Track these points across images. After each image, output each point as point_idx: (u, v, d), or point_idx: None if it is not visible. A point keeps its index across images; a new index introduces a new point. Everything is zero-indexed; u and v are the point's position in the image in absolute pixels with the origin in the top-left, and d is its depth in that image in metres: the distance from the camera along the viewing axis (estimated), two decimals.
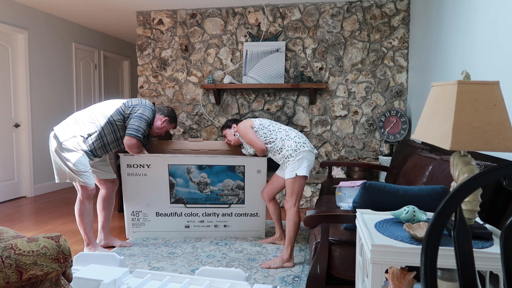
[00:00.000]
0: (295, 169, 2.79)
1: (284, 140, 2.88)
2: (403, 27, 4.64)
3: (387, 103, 4.74)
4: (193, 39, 5.11)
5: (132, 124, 2.88)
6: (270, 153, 3.01)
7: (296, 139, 2.86)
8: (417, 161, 2.57)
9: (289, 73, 4.89)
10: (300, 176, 2.79)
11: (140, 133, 2.88)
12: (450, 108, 1.30)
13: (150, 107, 2.99)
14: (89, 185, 2.88)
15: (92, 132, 2.88)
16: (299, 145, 2.83)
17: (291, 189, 2.81)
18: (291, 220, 2.78)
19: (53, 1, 4.84)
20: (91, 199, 2.94)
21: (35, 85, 5.13)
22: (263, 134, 2.95)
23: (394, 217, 1.57)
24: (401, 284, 1.32)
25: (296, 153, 2.81)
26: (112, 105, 2.96)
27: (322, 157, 4.92)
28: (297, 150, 2.81)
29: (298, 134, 2.93)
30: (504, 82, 1.85)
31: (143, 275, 2.12)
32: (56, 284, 1.41)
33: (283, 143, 2.88)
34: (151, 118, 2.97)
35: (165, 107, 3.14)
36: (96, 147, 2.91)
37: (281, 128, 2.96)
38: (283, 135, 2.91)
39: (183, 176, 3.28)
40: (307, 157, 2.81)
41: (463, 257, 0.81)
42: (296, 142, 2.84)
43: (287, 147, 2.85)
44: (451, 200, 0.79)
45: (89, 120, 2.90)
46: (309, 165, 2.83)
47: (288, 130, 2.95)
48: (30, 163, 5.04)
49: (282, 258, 2.77)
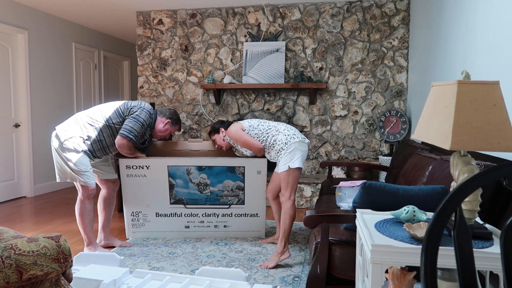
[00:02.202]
0: (287, 162, 2.80)
1: (275, 135, 2.90)
2: (403, 27, 4.64)
3: (387, 103, 4.74)
4: (193, 39, 5.11)
5: (125, 124, 2.87)
6: (265, 153, 3.01)
7: (285, 132, 2.87)
8: (417, 161, 2.57)
9: (289, 73, 4.89)
10: (294, 169, 2.79)
11: (132, 134, 2.86)
12: (450, 108, 1.30)
13: (148, 110, 2.97)
14: (89, 185, 2.88)
15: (91, 134, 2.88)
16: (289, 137, 2.84)
17: (285, 182, 2.82)
18: (286, 213, 2.80)
19: (53, 1, 4.84)
20: (91, 199, 2.94)
21: (35, 85, 5.13)
22: (255, 135, 2.96)
23: (394, 217, 1.57)
24: (401, 284, 1.32)
25: (287, 145, 2.82)
26: (112, 107, 2.96)
27: (322, 157, 4.92)
28: (287, 142, 2.83)
29: (287, 127, 2.93)
30: (504, 82, 1.85)
31: (143, 275, 2.12)
32: (56, 284, 1.41)
33: (274, 138, 2.90)
34: (147, 121, 2.94)
35: (167, 110, 3.13)
36: (95, 149, 2.91)
37: (270, 125, 2.97)
38: (273, 132, 2.92)
39: (182, 177, 3.27)
40: (298, 148, 2.82)
41: (463, 257, 0.81)
42: (285, 135, 2.86)
43: (278, 142, 2.87)
44: (451, 200, 0.79)
45: (89, 122, 2.90)
46: (302, 156, 2.83)
47: (277, 125, 2.95)
48: (30, 163, 5.04)
49: (277, 251, 2.78)
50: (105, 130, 2.91)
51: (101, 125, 2.90)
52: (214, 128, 3.22)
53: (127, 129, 2.86)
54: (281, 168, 2.83)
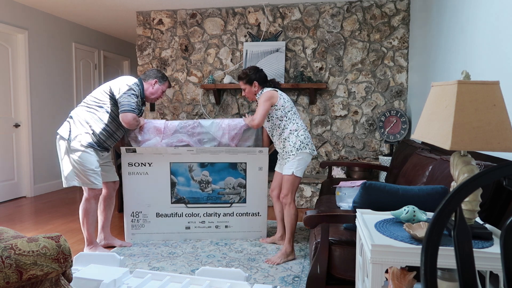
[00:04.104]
0: (293, 168, 2.86)
1: (293, 133, 2.90)
2: (403, 27, 4.64)
3: (387, 103, 4.74)
4: (193, 39, 5.11)
5: (122, 102, 2.87)
6: (275, 137, 3.02)
7: (301, 138, 2.88)
8: (417, 161, 2.57)
9: (289, 73, 4.89)
10: (296, 176, 2.88)
11: (132, 107, 2.87)
12: (450, 108, 1.30)
13: (135, 82, 2.97)
14: (97, 187, 2.89)
15: (95, 126, 2.89)
16: (302, 145, 2.86)
17: (291, 185, 2.87)
18: (292, 214, 2.86)
19: (53, 1, 4.84)
20: (97, 199, 2.96)
21: (35, 85, 5.13)
22: (279, 115, 2.92)
23: (394, 217, 1.57)
24: (401, 284, 1.32)
25: (298, 152, 2.85)
26: (102, 94, 2.94)
27: (322, 157, 4.92)
28: (299, 149, 2.85)
29: (305, 133, 2.93)
30: (504, 82, 1.85)
31: (143, 275, 2.12)
32: (56, 284, 1.41)
33: (290, 136, 2.91)
34: (138, 91, 2.95)
35: (149, 71, 3.11)
36: (104, 139, 2.93)
37: (296, 120, 2.95)
38: (293, 128, 2.91)
39: (184, 174, 3.28)
40: (305, 159, 2.88)
41: (463, 257, 0.81)
42: (300, 142, 2.87)
43: (291, 142, 2.89)
44: (451, 200, 0.79)
45: (87, 115, 2.89)
46: (304, 167, 2.91)
47: (300, 125, 2.94)
48: (30, 163, 5.04)
49: (286, 252, 2.84)
50: (104, 117, 2.92)
51: (100, 114, 2.90)
52: (249, 78, 3.02)
53: (125, 104, 2.86)
54: (287, 171, 2.88)
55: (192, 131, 3.23)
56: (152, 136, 3.19)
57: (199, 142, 3.23)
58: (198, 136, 3.23)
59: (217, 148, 3.24)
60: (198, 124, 3.24)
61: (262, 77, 3.03)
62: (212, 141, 3.24)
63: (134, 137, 3.17)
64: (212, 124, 3.25)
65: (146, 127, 3.20)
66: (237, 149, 3.25)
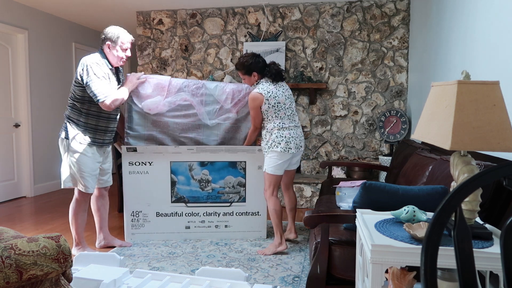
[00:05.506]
0: (265, 165, 2.99)
1: (268, 132, 2.98)
2: (403, 27, 4.64)
3: (387, 103, 4.74)
4: (193, 39, 5.11)
5: (90, 93, 2.73)
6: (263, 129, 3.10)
7: (273, 137, 2.93)
8: (417, 161, 2.57)
9: (289, 73, 4.89)
10: (268, 173, 2.96)
11: (102, 93, 2.71)
12: (450, 108, 1.30)
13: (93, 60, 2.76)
14: (88, 192, 2.89)
15: (89, 122, 2.84)
16: (274, 144, 2.93)
17: (266, 180, 3.00)
18: (271, 209, 2.98)
19: (53, 1, 4.84)
20: (87, 199, 2.95)
21: (35, 85, 5.13)
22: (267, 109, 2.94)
23: (394, 217, 1.57)
24: (401, 284, 1.32)
25: (269, 150, 2.96)
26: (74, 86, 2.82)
27: (322, 157, 4.92)
28: (270, 147, 2.94)
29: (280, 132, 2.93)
30: (504, 82, 1.85)
31: (143, 275, 2.12)
32: (56, 284, 1.41)
33: (266, 134, 3.00)
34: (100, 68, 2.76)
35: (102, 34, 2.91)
36: (99, 132, 2.88)
37: (274, 119, 2.95)
38: (269, 127, 2.97)
39: (184, 173, 3.28)
40: (277, 157, 2.93)
41: (463, 257, 0.81)
42: (272, 140, 2.93)
43: (265, 140, 3.00)
44: (451, 200, 0.79)
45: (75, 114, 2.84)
46: (278, 165, 2.93)
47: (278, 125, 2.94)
48: (30, 163, 5.04)
49: (274, 243, 2.98)
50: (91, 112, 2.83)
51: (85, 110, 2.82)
52: (248, 69, 3.01)
53: (95, 93, 2.71)
54: (263, 167, 3.02)
55: (196, 92, 3.24)
56: (155, 94, 3.18)
57: (201, 103, 3.25)
58: (201, 97, 3.25)
59: (217, 147, 3.26)
60: (202, 85, 3.26)
61: (260, 65, 3.01)
62: (215, 104, 3.27)
63: (137, 92, 3.14)
64: (217, 87, 3.28)
65: (150, 82, 3.17)
66: (237, 148, 3.27)
